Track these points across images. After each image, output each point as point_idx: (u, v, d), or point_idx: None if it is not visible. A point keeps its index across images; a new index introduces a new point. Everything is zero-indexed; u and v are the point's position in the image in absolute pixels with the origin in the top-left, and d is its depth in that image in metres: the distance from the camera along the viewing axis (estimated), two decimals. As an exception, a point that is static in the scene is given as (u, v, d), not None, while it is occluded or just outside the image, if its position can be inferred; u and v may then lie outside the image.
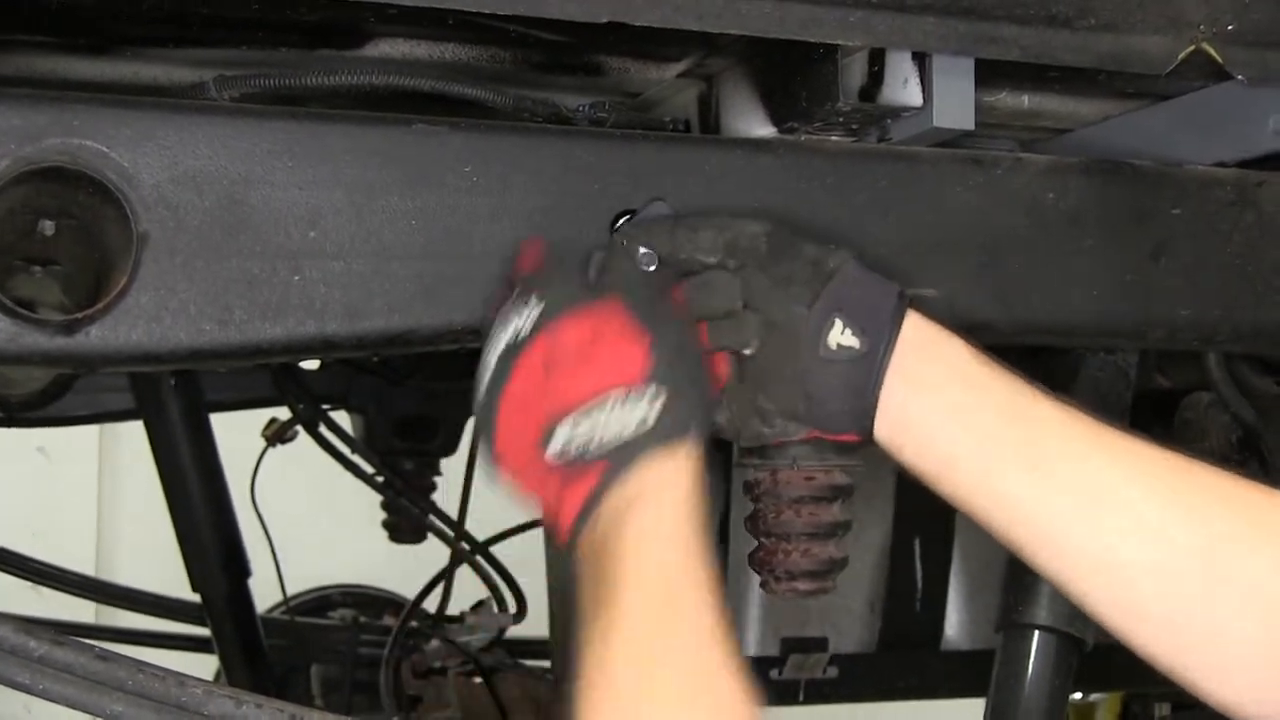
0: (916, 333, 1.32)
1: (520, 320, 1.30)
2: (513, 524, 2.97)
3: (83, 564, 4.27)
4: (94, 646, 1.20)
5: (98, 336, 1.28)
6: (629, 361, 1.25)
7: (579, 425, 1.23)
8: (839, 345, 1.30)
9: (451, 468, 2.93)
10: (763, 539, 1.51)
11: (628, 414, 1.23)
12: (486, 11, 1.27)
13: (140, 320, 1.29)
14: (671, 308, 1.33)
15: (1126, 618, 1.23)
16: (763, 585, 1.75)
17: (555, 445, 1.24)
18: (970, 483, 1.29)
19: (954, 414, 1.29)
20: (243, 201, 1.33)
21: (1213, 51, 1.44)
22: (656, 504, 1.21)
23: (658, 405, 1.23)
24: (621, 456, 1.22)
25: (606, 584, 1.17)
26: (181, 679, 1.21)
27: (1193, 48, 1.44)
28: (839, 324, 1.31)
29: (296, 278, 1.34)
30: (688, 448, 1.25)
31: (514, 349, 1.30)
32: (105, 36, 1.50)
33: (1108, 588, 1.24)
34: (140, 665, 1.20)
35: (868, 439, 1.33)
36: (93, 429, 4.86)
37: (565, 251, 1.37)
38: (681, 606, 1.16)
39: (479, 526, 2.83)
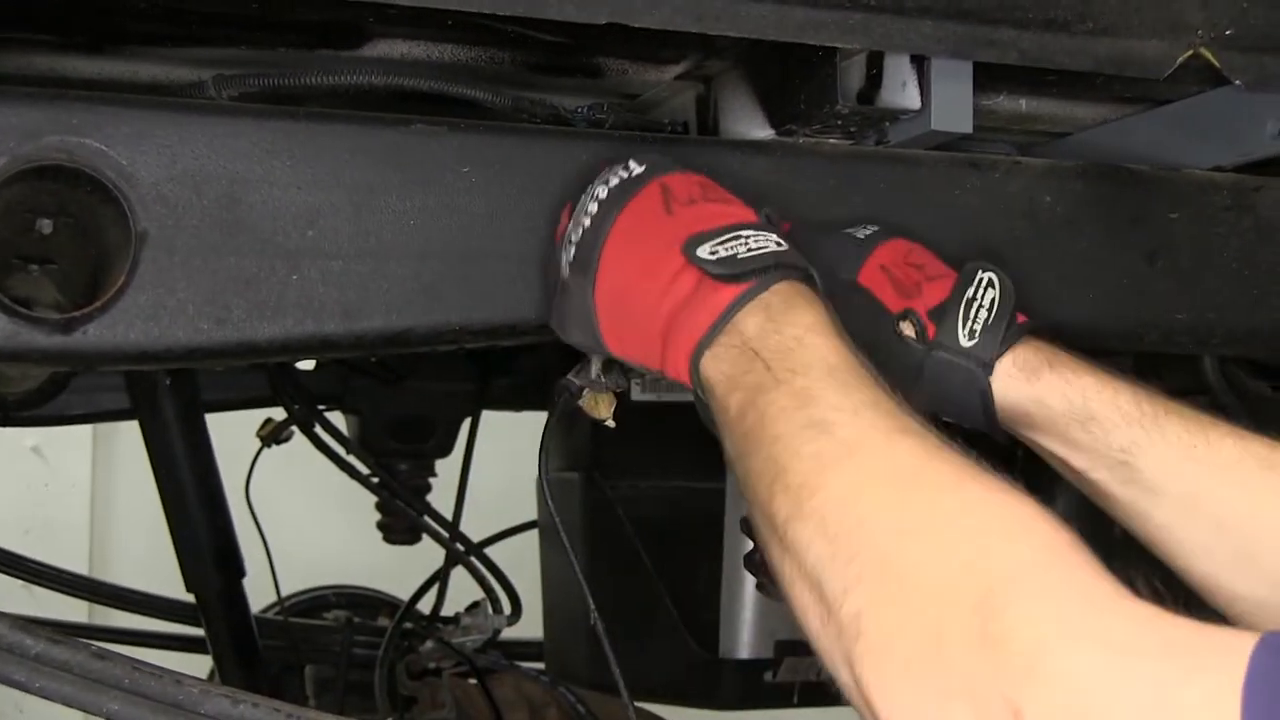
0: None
1: (622, 174, 1.34)
2: (507, 525, 2.97)
3: (76, 563, 4.25)
4: (91, 645, 1.20)
5: (95, 335, 1.28)
6: (747, 211, 1.32)
7: (723, 240, 1.26)
8: None
9: (446, 469, 2.93)
10: (759, 541, 1.51)
11: (764, 240, 1.27)
12: (486, 12, 1.27)
13: (138, 319, 1.29)
14: None
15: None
16: (759, 588, 1.75)
17: (704, 251, 1.25)
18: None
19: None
20: (241, 200, 1.33)
21: (1210, 56, 1.45)
22: (814, 308, 1.23)
23: (784, 243, 1.28)
24: (769, 267, 1.25)
25: (781, 369, 1.17)
26: (178, 678, 1.20)
27: (1191, 52, 1.44)
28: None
29: (295, 277, 1.34)
30: (815, 285, 1.28)
31: (623, 191, 1.33)
32: (104, 35, 1.50)
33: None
34: (137, 664, 1.20)
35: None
36: (86, 428, 4.84)
37: None
38: (869, 379, 1.17)
39: (474, 528, 2.83)
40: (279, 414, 2.77)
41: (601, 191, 1.34)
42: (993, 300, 1.40)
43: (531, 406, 2.92)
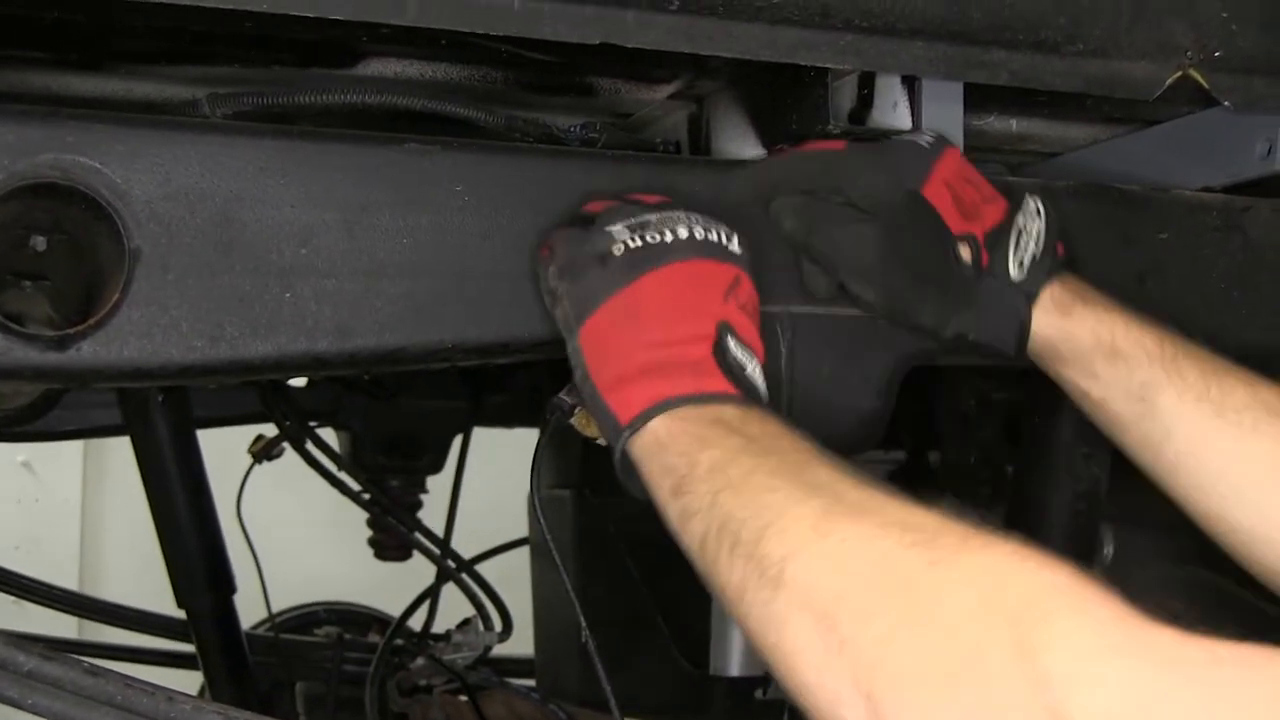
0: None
1: (722, 238, 1.35)
2: (499, 542, 2.97)
3: (66, 579, 4.25)
4: (83, 661, 1.20)
5: (89, 352, 1.28)
6: (762, 351, 1.34)
7: (743, 350, 1.30)
8: None
9: (438, 485, 2.93)
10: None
11: (760, 378, 1.30)
12: (479, 32, 1.28)
13: (132, 336, 1.29)
14: None
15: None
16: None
17: (731, 342, 1.29)
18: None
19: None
20: (235, 219, 1.33)
21: (1200, 77, 1.45)
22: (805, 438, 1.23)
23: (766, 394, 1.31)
24: (756, 397, 1.28)
25: (768, 444, 1.19)
26: (170, 694, 1.20)
27: (1180, 73, 1.45)
28: None
29: (288, 295, 1.34)
30: None
31: (712, 249, 1.34)
32: (99, 53, 1.50)
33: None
34: (129, 680, 1.20)
35: None
36: (77, 443, 4.84)
37: None
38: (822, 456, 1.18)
39: (465, 545, 2.83)
40: (271, 430, 2.77)
41: (699, 231, 1.33)
42: (1038, 231, 1.44)
43: (523, 424, 2.92)
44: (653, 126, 1.73)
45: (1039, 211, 1.45)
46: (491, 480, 3.03)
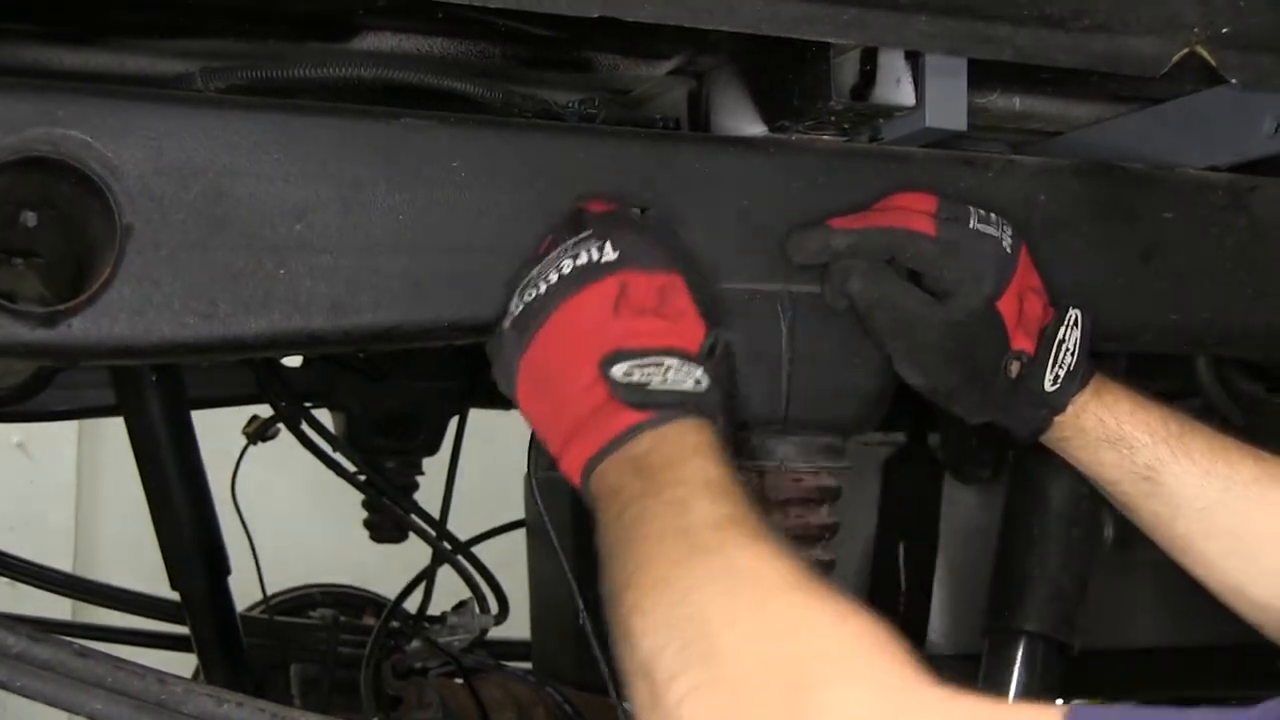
0: None
1: (593, 255, 1.31)
2: (495, 524, 2.96)
3: (61, 560, 4.24)
4: (73, 643, 1.19)
5: (79, 329, 1.27)
6: (692, 333, 1.30)
7: (644, 363, 1.26)
8: None
9: (434, 467, 2.92)
10: (750, 540, 1.49)
11: (685, 375, 1.26)
12: (477, 5, 1.26)
13: (123, 313, 1.28)
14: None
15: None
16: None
17: (618, 370, 1.25)
18: None
19: None
20: (228, 194, 1.31)
21: (1207, 55, 1.44)
22: (704, 435, 1.23)
23: (706, 381, 1.27)
24: (674, 405, 1.25)
25: (663, 480, 1.19)
26: (161, 677, 1.19)
27: (1187, 50, 1.43)
28: None
29: (282, 271, 1.32)
30: (717, 431, 1.27)
31: (583, 275, 1.30)
32: (90, 26, 1.49)
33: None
34: (119, 663, 1.19)
35: None
36: (72, 424, 4.83)
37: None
38: (739, 495, 1.18)
39: (461, 526, 2.82)
40: (265, 411, 2.76)
41: (567, 265, 1.31)
42: (1075, 341, 1.48)
43: (520, 405, 2.90)
44: (652, 103, 1.71)
45: (1077, 321, 1.49)
46: (488, 462, 3.02)
